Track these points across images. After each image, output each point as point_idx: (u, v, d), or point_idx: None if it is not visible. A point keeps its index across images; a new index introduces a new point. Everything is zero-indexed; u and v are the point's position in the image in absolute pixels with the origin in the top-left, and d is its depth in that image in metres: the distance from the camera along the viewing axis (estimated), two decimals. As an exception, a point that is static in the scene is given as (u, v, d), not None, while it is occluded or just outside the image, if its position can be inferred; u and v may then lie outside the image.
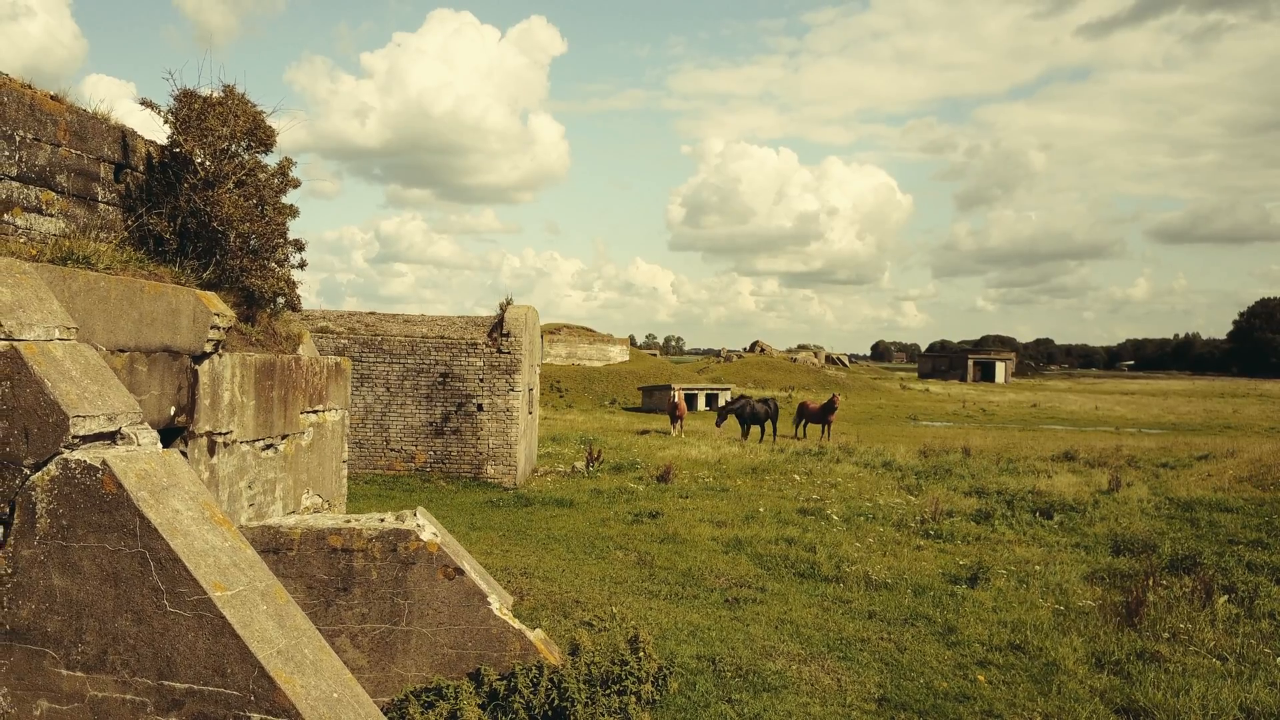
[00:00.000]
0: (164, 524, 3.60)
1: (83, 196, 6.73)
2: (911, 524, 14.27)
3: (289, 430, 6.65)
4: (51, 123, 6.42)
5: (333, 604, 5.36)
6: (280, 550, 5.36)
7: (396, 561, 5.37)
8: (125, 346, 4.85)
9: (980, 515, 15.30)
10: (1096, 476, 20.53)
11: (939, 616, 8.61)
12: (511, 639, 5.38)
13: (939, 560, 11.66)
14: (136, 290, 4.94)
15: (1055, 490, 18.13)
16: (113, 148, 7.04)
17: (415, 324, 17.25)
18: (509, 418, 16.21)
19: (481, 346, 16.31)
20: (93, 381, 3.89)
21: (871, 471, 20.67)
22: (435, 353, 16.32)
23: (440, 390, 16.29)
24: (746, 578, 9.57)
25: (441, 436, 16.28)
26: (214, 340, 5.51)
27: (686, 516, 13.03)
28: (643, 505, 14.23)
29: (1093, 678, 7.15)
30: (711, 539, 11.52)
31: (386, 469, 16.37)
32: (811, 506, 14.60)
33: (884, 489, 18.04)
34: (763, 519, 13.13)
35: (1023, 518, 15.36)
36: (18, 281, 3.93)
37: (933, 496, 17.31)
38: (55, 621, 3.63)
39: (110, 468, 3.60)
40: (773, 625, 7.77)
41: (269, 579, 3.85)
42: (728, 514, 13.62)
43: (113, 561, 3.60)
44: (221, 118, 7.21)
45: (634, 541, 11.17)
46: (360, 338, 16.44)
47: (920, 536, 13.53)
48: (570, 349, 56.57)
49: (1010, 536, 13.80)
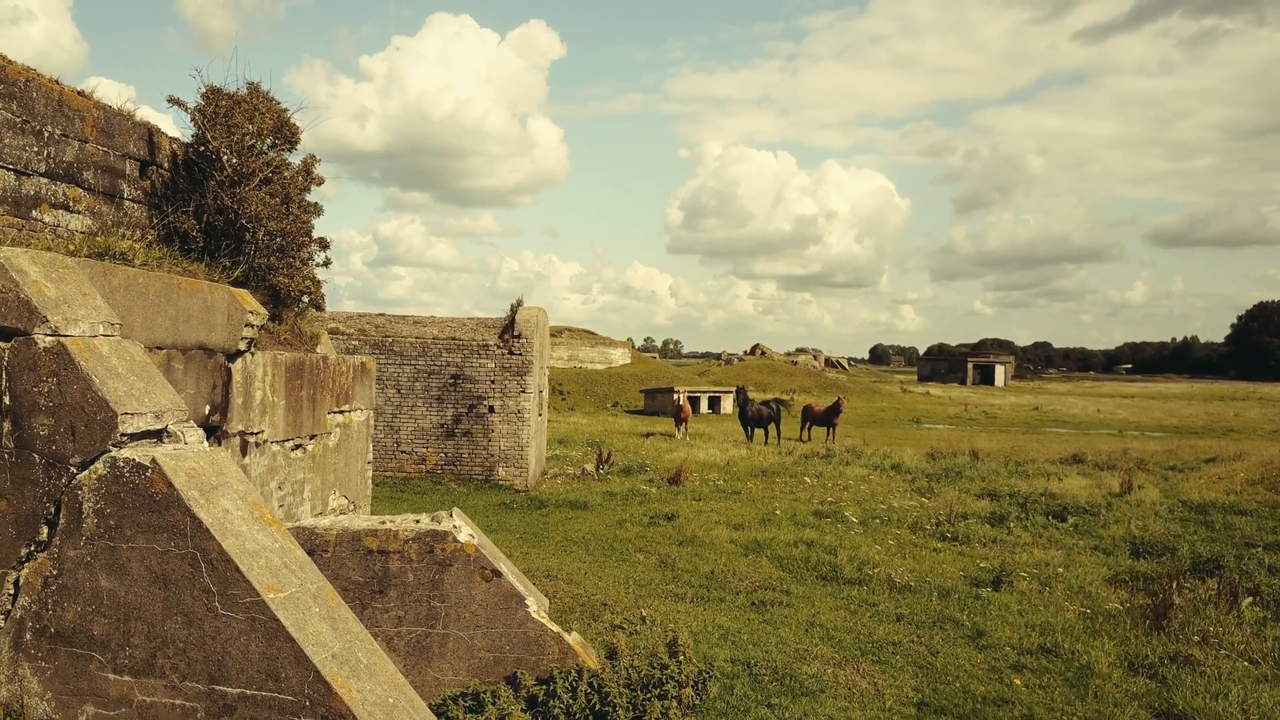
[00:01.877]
0: (215, 524, 3.51)
1: (109, 194, 6.65)
2: (927, 526, 14.20)
3: (317, 430, 6.56)
4: (79, 119, 6.34)
5: (368, 607, 5.26)
6: (315, 552, 5.27)
7: (433, 563, 5.28)
8: (162, 344, 4.77)
9: (995, 518, 15.24)
10: (1107, 479, 20.47)
11: (966, 619, 8.53)
12: (550, 642, 5.28)
13: (959, 563, 11.59)
14: (174, 287, 4.86)
15: (1067, 493, 18.07)
16: (139, 144, 6.96)
17: (426, 325, 17.16)
18: (520, 420, 16.12)
19: (493, 348, 16.23)
20: (139, 378, 3.81)
21: (881, 474, 20.60)
22: (446, 354, 16.23)
23: (451, 392, 16.19)
24: (770, 580, 9.49)
25: (453, 438, 16.18)
26: (248, 338, 5.43)
27: (702, 519, 12.94)
28: (657, 507, 14.13)
29: (1128, 681, 7.07)
30: (730, 541, 11.43)
31: (397, 471, 16.27)
32: (827, 509, 14.52)
33: (896, 491, 17.96)
34: (779, 521, 13.04)
35: (1037, 520, 15.31)
36: (61, 276, 3.84)
37: (945, 499, 17.25)
38: (102, 624, 3.54)
39: (160, 466, 3.51)
40: (802, 628, 7.69)
41: (320, 581, 3.76)
42: (743, 516, 13.53)
43: (162, 563, 3.50)
44: (247, 115, 7.13)
45: (653, 544, 11.08)
46: (370, 339, 16.35)
47: (937, 539, 13.47)
48: (572, 351, 56.50)
49: (1026, 539, 13.73)
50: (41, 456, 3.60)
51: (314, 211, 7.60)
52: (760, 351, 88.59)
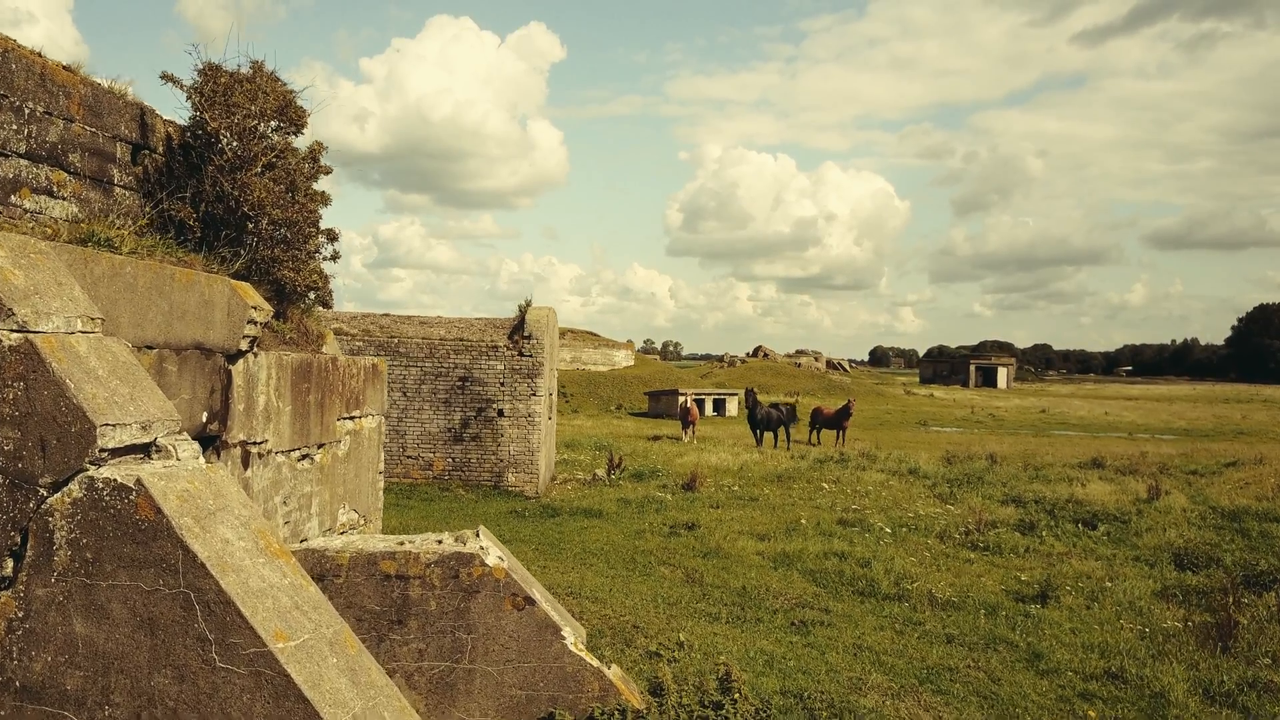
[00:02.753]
0: (212, 558, 2.92)
1: (97, 179, 6.06)
2: (956, 535, 13.63)
3: (325, 439, 5.97)
4: (64, 95, 5.75)
5: (385, 639, 4.68)
6: (326, 578, 4.68)
7: (458, 590, 4.69)
8: (153, 343, 4.18)
9: (1024, 526, 14.68)
10: (1131, 484, 19.89)
11: (1020, 640, 7.95)
12: (589, 678, 4.70)
13: (997, 575, 11.01)
14: (166, 278, 4.27)
15: (1093, 499, 17.50)
16: (130, 126, 6.38)
17: (432, 326, 16.57)
18: (531, 423, 15.53)
19: (502, 349, 15.63)
20: (123, 383, 3.22)
21: (900, 479, 20.02)
22: (454, 355, 15.64)
23: (459, 395, 15.60)
24: (805, 597, 8.90)
25: (461, 443, 15.58)
26: (250, 337, 4.84)
27: (725, 529, 12.35)
28: (675, 516, 13.54)
29: (1207, 712, 6.49)
30: (757, 553, 10.84)
31: (403, 477, 15.67)
32: (851, 518, 13.94)
33: (918, 498, 17.39)
34: (805, 531, 12.45)
35: (1066, 528, 14.76)
36: (33, 263, 3.25)
37: (970, 506, 16.68)
38: (76, 678, 2.95)
39: (146, 488, 2.92)
40: (850, 652, 7.10)
41: (337, 623, 3.17)
42: (767, 526, 12.94)
43: (149, 604, 2.91)
44: (249, 95, 6.54)
45: (676, 556, 10.48)
46: (375, 340, 15.76)
47: (967, 549, 12.91)
48: (575, 353, 55.91)
49: (1060, 548, 13.17)
50: (5, 476, 3.01)
51: (321, 201, 7.01)
52: (763, 353, 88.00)
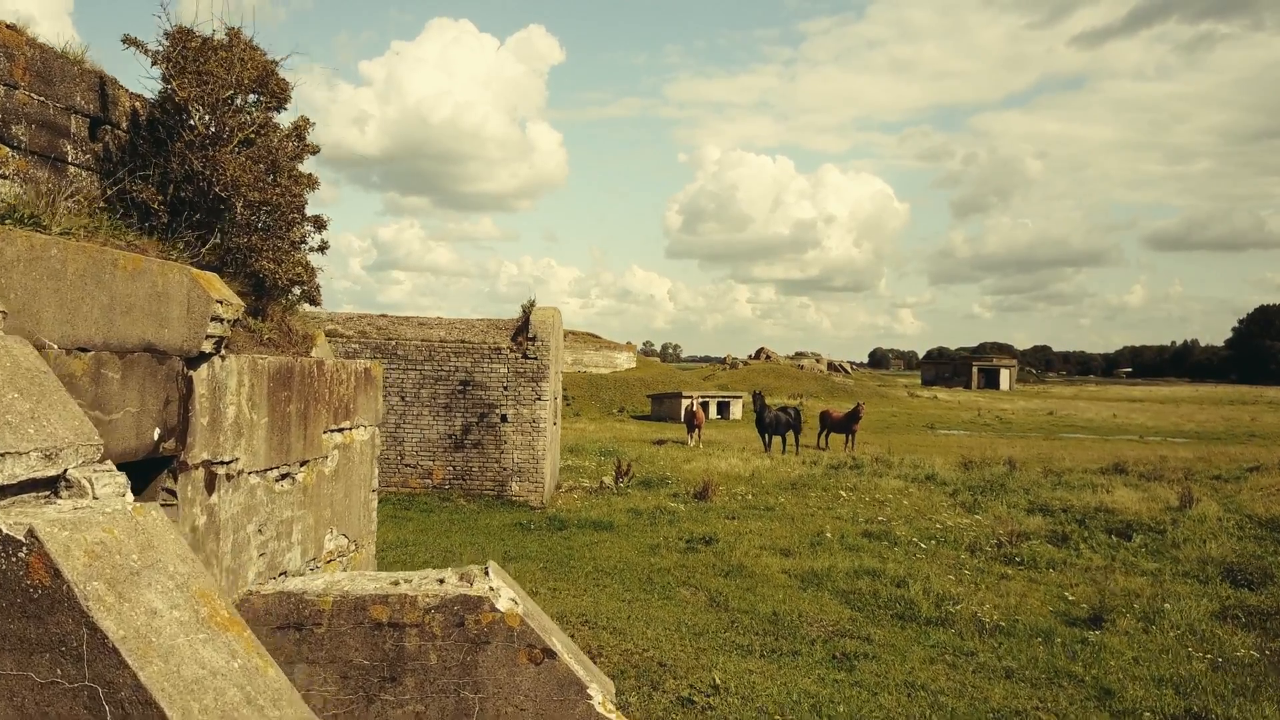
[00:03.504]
0: (130, 637, 2.12)
1: (47, 155, 5.26)
2: (987, 548, 12.85)
3: (309, 455, 5.17)
4: (6, 57, 4.95)
5: (376, 700, 3.89)
6: (305, 626, 3.89)
7: (464, 640, 3.90)
8: (89, 343, 3.39)
9: (1056, 537, 13.91)
10: (1158, 491, 19.12)
11: (1085, 673, 7.16)
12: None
13: (1039, 594, 10.23)
14: (105, 264, 3.47)
15: (1123, 507, 16.73)
16: (88, 97, 5.58)
17: (432, 327, 15.77)
18: (536, 429, 14.73)
19: (505, 351, 14.84)
20: (22, 395, 2.42)
21: (919, 486, 19.23)
22: (455, 358, 14.83)
23: (460, 399, 14.80)
24: (842, 623, 8.09)
25: (462, 450, 14.78)
26: (216, 337, 4.04)
27: (744, 543, 11.55)
28: (690, 528, 12.74)
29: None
30: (783, 572, 10.04)
31: (401, 486, 14.86)
32: (876, 529, 13.14)
33: (940, 507, 16.60)
34: (830, 546, 11.65)
35: (1100, 539, 14.00)
36: (-96, 236, 2.45)
37: (995, 515, 15.91)
38: (-51, 799, 2.15)
39: (42, 542, 2.13)
40: (903, 691, 6.31)
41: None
42: (789, 539, 12.15)
43: (42, 703, 2.11)
44: (225, 64, 5.74)
45: (696, 575, 9.68)
46: (372, 342, 14.96)
47: (1001, 562, 12.13)
48: (576, 355, 55.13)
49: (1098, 561, 12.39)
50: None
51: (308, 184, 6.21)
52: (765, 355, 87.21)
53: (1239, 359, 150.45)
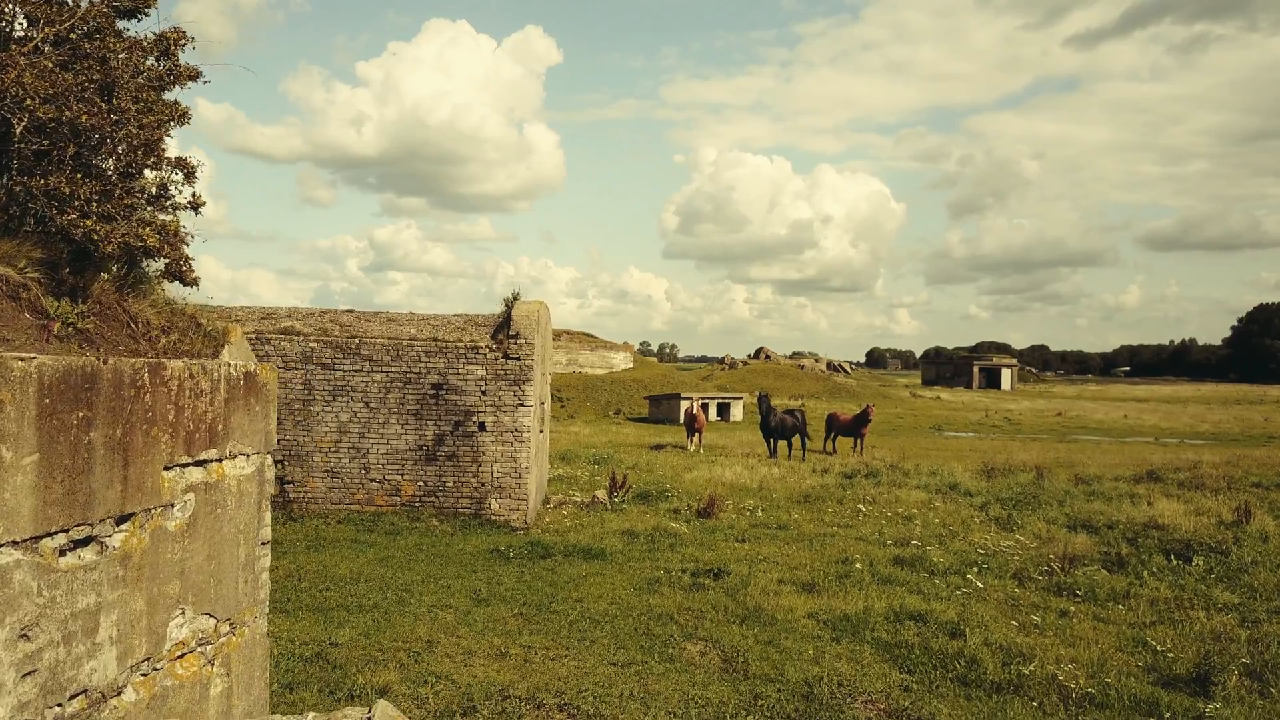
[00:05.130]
0: None
1: None
2: (1037, 576, 11.15)
3: (136, 505, 3.42)
4: None
5: None
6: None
7: None
8: None
9: (1109, 561, 12.23)
10: (1202, 502, 17.47)
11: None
12: None
13: (1112, 637, 8.51)
14: None
15: (1171, 522, 15.07)
16: None
17: (402, 324, 14.01)
18: (518, 439, 12.97)
19: (484, 351, 13.08)
20: None
21: (943, 498, 17.52)
22: (426, 358, 13.07)
23: (432, 405, 13.03)
24: (894, 695, 6.35)
25: (434, 463, 13.01)
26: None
27: (760, 576, 9.80)
28: (694, 554, 11.01)
29: None
30: (809, 616, 8.30)
31: (365, 504, 13.10)
32: (909, 555, 11.40)
33: (971, 523, 14.89)
34: (860, 578, 9.91)
35: (1156, 561, 12.33)
36: None
37: (1035, 533, 14.22)
38: None
39: None
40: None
41: None
42: (810, 569, 10.42)
43: None
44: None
45: (704, 623, 7.93)
46: (333, 340, 13.19)
47: (1054, 593, 10.46)
48: (571, 356, 53.38)
49: (1165, 592, 10.69)
50: None
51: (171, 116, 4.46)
52: (764, 355, 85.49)
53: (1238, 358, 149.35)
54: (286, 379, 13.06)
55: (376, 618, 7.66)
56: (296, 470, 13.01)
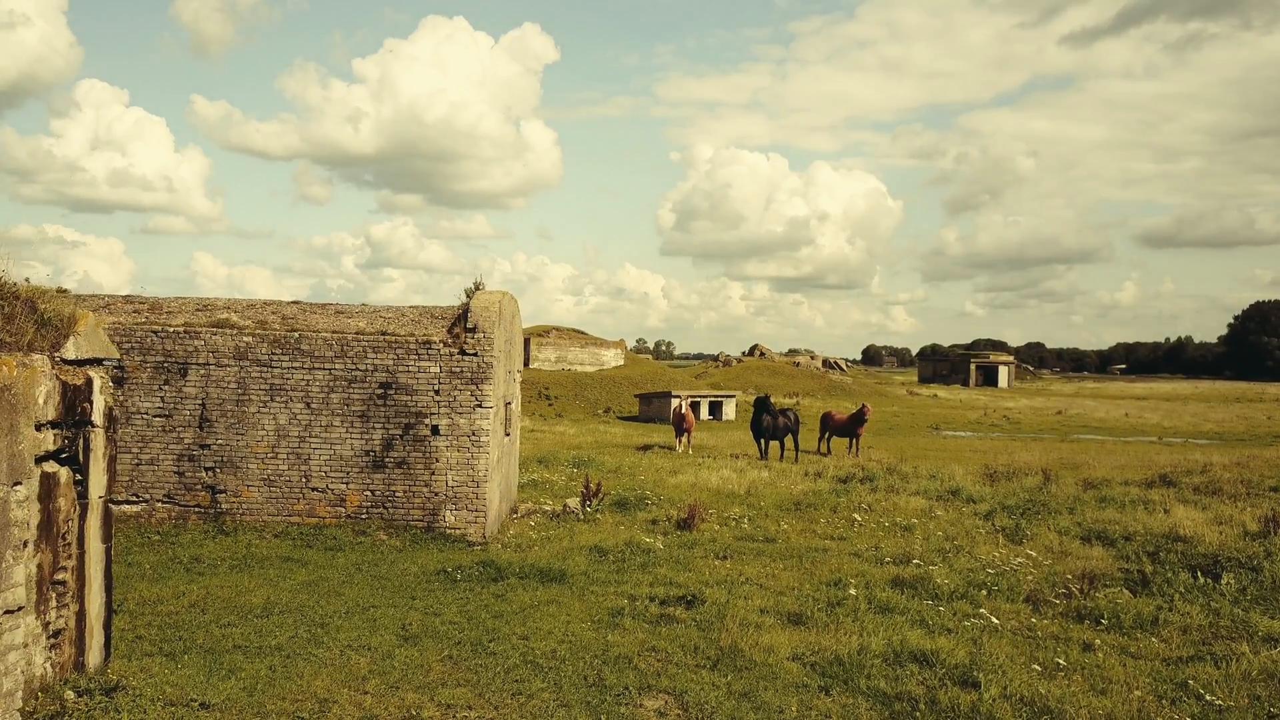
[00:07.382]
0: None
1: None
2: (1053, 599, 9.91)
3: None
4: None
5: None
6: None
7: None
8: None
9: (1132, 580, 11.01)
10: (1223, 509, 16.21)
11: None
12: None
13: (1149, 679, 7.26)
14: None
15: (1193, 533, 13.80)
16: None
17: (351, 316, 12.71)
18: (476, 444, 11.68)
19: (438, 346, 11.77)
20: None
21: (944, 505, 16.27)
22: (373, 354, 11.77)
23: (380, 406, 11.73)
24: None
25: (382, 470, 11.71)
26: None
27: (738, 602, 8.53)
28: (668, 575, 9.74)
29: None
30: (794, 658, 7.02)
31: (307, 515, 11.80)
32: (909, 575, 10.13)
33: (976, 534, 13.64)
34: (854, 606, 8.63)
35: (1182, 579, 11.07)
36: None
37: (1046, 546, 12.99)
38: None
39: None
40: None
41: None
42: (797, 593, 9.16)
43: None
44: None
45: (669, 668, 6.66)
46: (270, 334, 11.87)
47: (1076, 621, 9.23)
48: (560, 353, 52.06)
49: (1198, 618, 9.46)
50: None
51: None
52: (759, 353, 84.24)
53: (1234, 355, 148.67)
54: (219, 377, 11.75)
55: (274, 664, 6.37)
56: (229, 478, 11.70)
